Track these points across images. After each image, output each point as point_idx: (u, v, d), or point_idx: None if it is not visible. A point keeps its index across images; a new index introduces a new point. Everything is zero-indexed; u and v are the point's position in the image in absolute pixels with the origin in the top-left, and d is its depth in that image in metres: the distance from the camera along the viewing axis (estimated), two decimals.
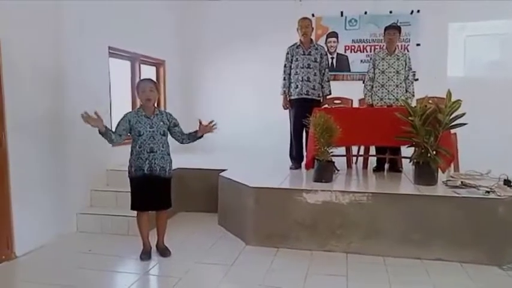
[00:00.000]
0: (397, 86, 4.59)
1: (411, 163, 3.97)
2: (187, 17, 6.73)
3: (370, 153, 4.90)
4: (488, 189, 3.45)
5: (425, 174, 3.78)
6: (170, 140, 3.49)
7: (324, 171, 3.93)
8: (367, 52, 6.26)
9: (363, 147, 5.07)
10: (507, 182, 3.65)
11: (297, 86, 4.66)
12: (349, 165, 4.90)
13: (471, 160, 4.40)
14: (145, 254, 3.45)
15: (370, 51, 6.20)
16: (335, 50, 6.41)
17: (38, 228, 3.69)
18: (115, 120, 3.97)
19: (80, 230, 4.17)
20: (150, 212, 3.48)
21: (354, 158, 5.12)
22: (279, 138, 5.17)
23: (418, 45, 6.10)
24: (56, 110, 3.93)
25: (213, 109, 6.63)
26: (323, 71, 4.73)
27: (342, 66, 6.40)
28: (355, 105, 5.42)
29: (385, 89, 4.61)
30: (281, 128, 5.10)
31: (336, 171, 4.29)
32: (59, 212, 3.97)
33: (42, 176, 3.75)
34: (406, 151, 4.32)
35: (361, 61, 6.30)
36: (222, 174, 4.41)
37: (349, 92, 5.44)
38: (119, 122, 3.34)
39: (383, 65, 4.63)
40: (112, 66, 4.86)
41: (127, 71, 5.43)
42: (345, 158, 4.84)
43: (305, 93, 4.64)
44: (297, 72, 4.67)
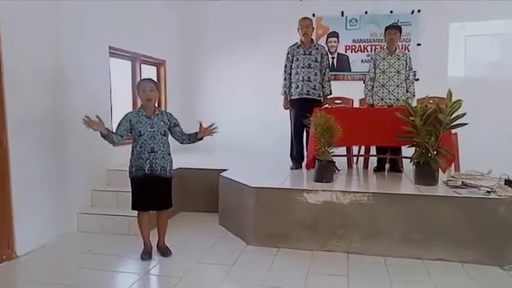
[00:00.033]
0: (397, 86, 4.59)
1: (412, 163, 3.97)
2: (188, 17, 6.73)
3: (371, 153, 4.91)
4: (489, 189, 3.45)
5: (426, 174, 3.78)
6: (171, 140, 3.49)
7: (325, 171, 3.93)
8: (368, 52, 6.26)
9: (363, 147, 5.08)
10: (508, 182, 3.65)
11: (297, 85, 4.66)
12: (349, 165, 4.89)
13: (472, 160, 4.39)
14: (146, 254, 3.45)
15: (371, 51, 6.19)
16: (335, 49, 6.41)
17: (38, 228, 3.70)
18: (115, 120, 3.97)
19: (81, 229, 4.17)
20: (150, 212, 3.48)
21: (355, 158, 5.12)
22: (279, 138, 5.17)
23: (419, 45, 6.10)
24: (57, 110, 3.93)
25: (214, 109, 6.64)
26: (324, 71, 4.73)
27: (342, 66, 6.40)
28: (356, 105, 5.42)
29: (386, 89, 4.61)
30: (281, 128, 5.10)
31: (337, 171, 4.28)
32: (59, 212, 3.97)
33: (43, 176, 3.76)
34: (407, 151, 4.32)
35: (361, 61, 6.30)
36: (222, 174, 4.41)
37: (350, 92, 5.44)
38: (120, 122, 3.34)
39: (384, 64, 4.63)
40: (113, 66, 4.86)
41: (127, 71, 5.42)
42: (345, 158, 4.84)
43: (306, 93, 4.64)
44: (297, 72, 4.67)
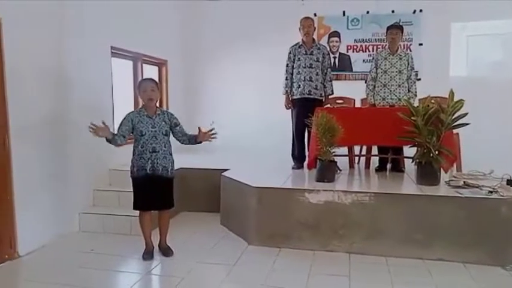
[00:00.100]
0: (399, 85, 4.58)
1: (413, 163, 3.96)
2: (189, 16, 6.73)
3: (373, 153, 4.90)
4: (491, 189, 3.44)
5: (427, 174, 3.78)
6: (172, 140, 3.50)
7: (326, 171, 3.92)
8: (370, 52, 6.25)
9: (365, 147, 5.07)
10: (510, 182, 3.64)
11: (299, 85, 4.65)
12: (351, 165, 4.89)
13: (474, 160, 4.38)
14: (148, 254, 3.45)
15: (373, 51, 6.19)
16: (337, 49, 6.40)
17: (40, 227, 3.70)
18: (117, 120, 3.97)
19: (83, 229, 4.18)
20: (152, 212, 3.49)
21: (356, 158, 5.11)
22: (280, 138, 5.17)
23: (421, 44, 6.09)
24: (59, 110, 3.94)
25: (215, 109, 6.66)
26: (325, 71, 4.73)
27: (344, 65, 6.40)
28: (358, 105, 5.42)
29: (388, 88, 4.61)
30: (282, 128, 5.09)
31: (338, 171, 4.28)
32: (61, 212, 3.98)
33: (44, 176, 3.76)
34: (409, 151, 4.31)
35: (363, 61, 6.29)
36: (224, 174, 4.41)
37: (352, 92, 5.44)
38: (122, 122, 3.34)
39: (385, 64, 4.62)
40: (114, 66, 4.86)
41: (129, 71, 5.43)
42: (347, 157, 4.84)
43: (307, 92, 4.63)
44: (299, 71, 4.66)
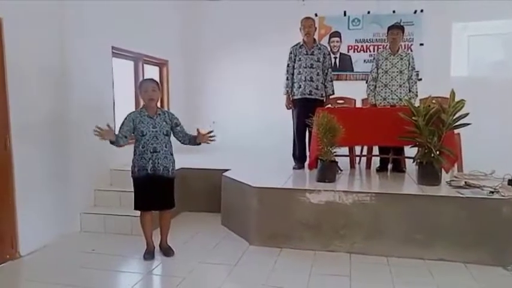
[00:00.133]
0: (400, 85, 4.58)
1: (414, 163, 3.96)
2: (190, 17, 6.73)
3: (374, 153, 4.90)
4: (492, 190, 3.44)
5: (428, 175, 3.77)
6: (173, 140, 3.50)
7: (327, 171, 3.92)
8: (370, 52, 6.25)
9: (366, 147, 5.07)
10: (511, 182, 3.64)
11: (300, 85, 4.66)
12: (352, 165, 4.88)
13: (475, 160, 4.38)
14: (149, 254, 3.46)
15: (373, 51, 6.18)
16: (338, 49, 6.40)
17: (42, 227, 3.71)
18: (118, 120, 3.98)
19: (84, 229, 4.18)
20: (153, 212, 3.49)
21: (357, 158, 5.11)
22: (280, 138, 5.18)
23: (422, 44, 6.09)
24: (60, 110, 3.94)
25: (216, 109, 6.67)
26: (326, 71, 4.73)
27: (345, 66, 6.39)
28: (358, 105, 5.41)
29: (389, 88, 4.60)
30: (282, 128, 5.10)
31: (339, 171, 4.28)
32: (62, 212, 3.98)
33: (46, 176, 3.77)
34: (410, 151, 4.31)
35: (364, 61, 6.29)
36: (225, 174, 4.41)
37: (352, 92, 5.44)
38: (123, 123, 3.34)
39: (386, 64, 4.62)
40: (115, 66, 4.86)
41: (130, 71, 5.44)
42: (348, 158, 4.84)
43: (308, 93, 4.63)
44: (300, 72, 4.67)
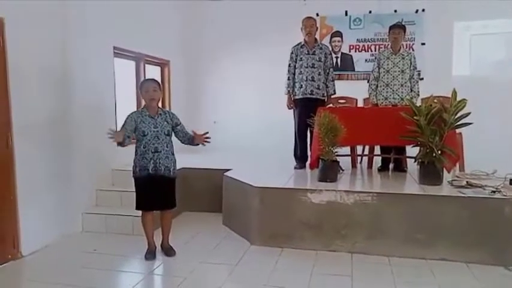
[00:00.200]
0: (402, 85, 4.58)
1: (416, 163, 3.96)
2: (191, 17, 6.73)
3: (375, 153, 4.89)
4: (494, 189, 3.43)
5: (430, 174, 3.77)
6: (174, 140, 3.50)
7: (329, 171, 3.92)
8: (372, 51, 6.23)
9: (367, 147, 5.06)
10: None
11: (301, 85, 4.65)
12: (353, 165, 4.88)
13: (477, 160, 4.37)
14: (150, 254, 3.46)
15: (375, 51, 6.16)
16: (339, 49, 6.39)
17: (43, 227, 3.72)
18: (119, 120, 3.98)
19: (85, 229, 4.19)
20: (154, 212, 3.49)
21: (359, 158, 5.10)
22: (281, 138, 5.18)
23: (423, 44, 6.07)
24: (61, 109, 3.95)
25: (217, 109, 6.67)
26: (327, 71, 4.72)
27: (346, 65, 6.38)
28: (360, 104, 5.41)
29: (390, 88, 4.60)
30: (283, 128, 5.10)
31: (341, 171, 4.27)
32: (64, 212, 3.99)
33: (47, 176, 3.78)
34: (411, 151, 4.29)
35: (365, 60, 6.28)
36: (226, 174, 4.41)
37: (354, 92, 5.43)
38: (125, 123, 3.33)
39: (388, 64, 4.61)
40: (117, 66, 4.87)
41: (132, 71, 5.44)
42: (349, 157, 4.83)
43: (309, 92, 4.63)
44: (301, 71, 4.66)
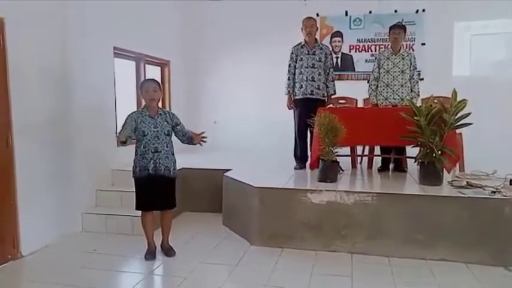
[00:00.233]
0: (402, 85, 4.57)
1: (416, 163, 3.95)
2: (191, 17, 6.73)
3: (375, 153, 4.89)
4: (494, 190, 3.43)
5: (430, 174, 3.77)
6: (174, 140, 3.50)
7: (329, 171, 3.92)
8: (372, 52, 6.24)
9: (367, 147, 5.06)
10: None
11: (301, 85, 4.65)
12: (353, 165, 4.88)
13: (477, 160, 4.37)
14: (150, 254, 3.46)
15: (375, 51, 6.17)
16: (340, 49, 6.39)
17: (43, 228, 3.71)
18: (119, 120, 3.98)
19: (85, 229, 4.19)
20: (154, 212, 3.49)
21: (359, 158, 5.10)
22: (280, 138, 5.18)
23: (423, 44, 6.07)
24: (61, 109, 3.95)
25: (218, 109, 6.67)
26: (327, 71, 4.72)
27: (346, 65, 6.38)
28: (360, 105, 5.41)
29: (390, 88, 4.60)
30: (283, 128, 5.11)
31: (341, 171, 4.27)
32: (64, 212, 3.98)
33: (47, 176, 3.77)
34: (411, 151, 4.29)
35: (365, 61, 6.28)
36: (226, 174, 4.41)
37: (354, 92, 5.43)
38: (126, 122, 3.33)
39: (388, 64, 4.61)
40: (117, 66, 4.87)
41: (132, 71, 5.44)
42: (349, 158, 4.83)
43: (309, 93, 4.63)
44: (301, 72, 4.66)
